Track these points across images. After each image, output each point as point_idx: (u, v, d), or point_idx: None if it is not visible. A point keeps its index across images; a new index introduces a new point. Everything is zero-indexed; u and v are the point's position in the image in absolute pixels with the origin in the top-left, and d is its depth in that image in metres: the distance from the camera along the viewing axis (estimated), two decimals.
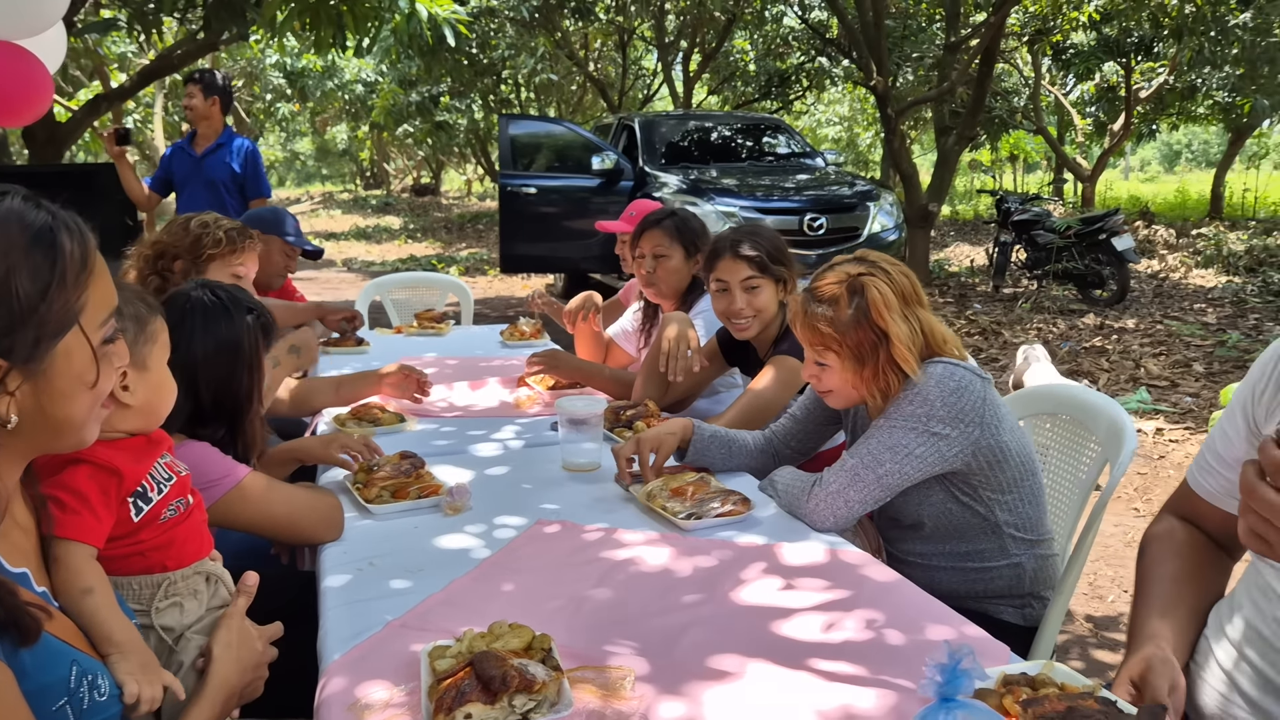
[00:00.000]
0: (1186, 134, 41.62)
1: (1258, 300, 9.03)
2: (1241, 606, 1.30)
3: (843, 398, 1.89)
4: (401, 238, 17.55)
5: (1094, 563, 3.65)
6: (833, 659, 1.30)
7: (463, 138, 23.08)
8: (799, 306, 1.85)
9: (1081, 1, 13.22)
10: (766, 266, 2.41)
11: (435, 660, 1.24)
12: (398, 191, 33.96)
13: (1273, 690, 1.20)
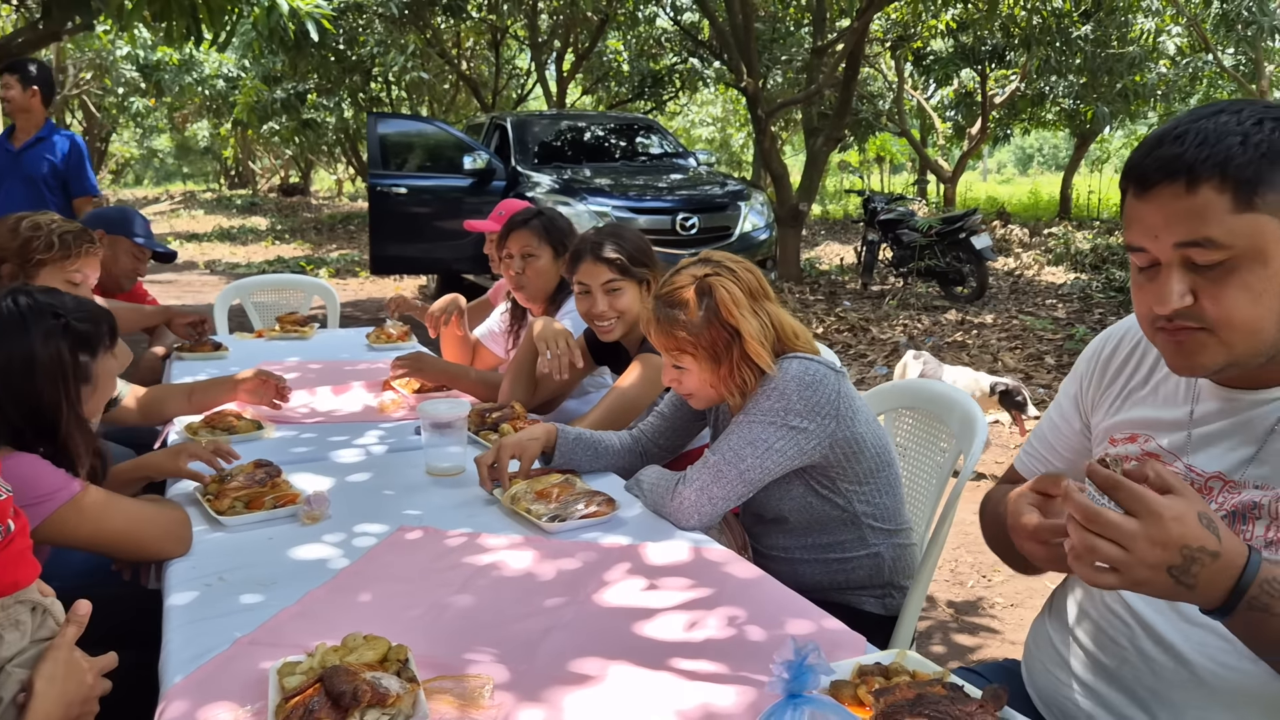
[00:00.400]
0: (1038, 138, 43.76)
1: (1102, 296, 9.56)
2: (1074, 593, 1.35)
3: (703, 399, 1.91)
4: (269, 239, 16.98)
5: (955, 550, 3.79)
6: (694, 658, 1.30)
7: (332, 136, 22.45)
8: (650, 314, 1.87)
9: (939, 10, 13.74)
10: (627, 269, 2.41)
11: (284, 677, 1.19)
12: (265, 191, 32.81)
13: (1105, 674, 1.25)
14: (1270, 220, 1.03)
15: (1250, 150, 1.02)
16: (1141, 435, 1.27)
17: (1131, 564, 0.94)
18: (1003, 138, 21.07)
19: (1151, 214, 1.07)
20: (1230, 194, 1.02)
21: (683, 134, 29.28)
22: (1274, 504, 1.11)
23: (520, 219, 2.90)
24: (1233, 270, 1.04)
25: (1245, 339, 1.07)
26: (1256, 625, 0.98)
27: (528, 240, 2.84)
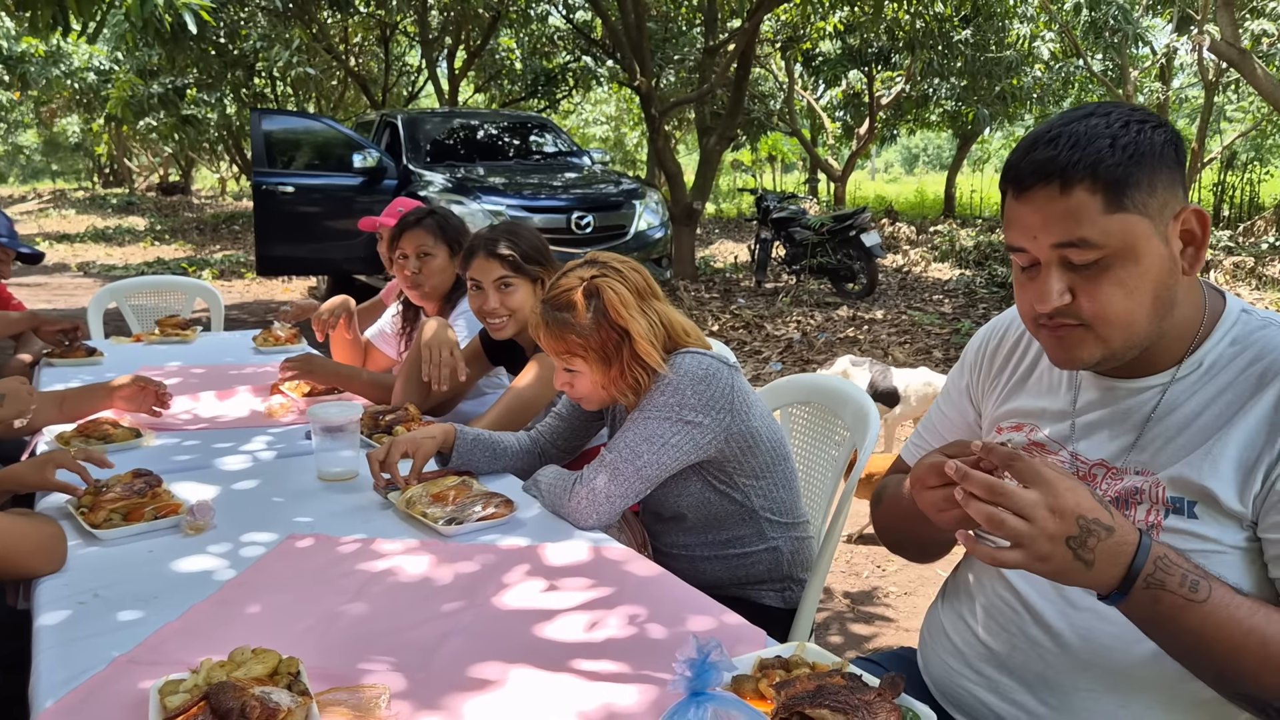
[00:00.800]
0: (922, 139, 45.11)
1: (985, 291, 9.90)
2: (966, 581, 1.39)
3: (595, 401, 1.91)
4: (147, 240, 16.32)
5: (851, 542, 3.87)
6: (595, 658, 1.29)
7: (214, 133, 21.71)
8: (539, 318, 1.85)
9: (827, 13, 14.03)
10: (520, 266, 2.39)
11: (166, 696, 1.14)
12: (142, 190, 31.53)
13: (996, 660, 1.28)
14: (1140, 220, 1.08)
15: (1119, 152, 1.07)
16: (1027, 424, 1.31)
17: (1033, 535, 0.98)
18: (889, 138, 21.67)
19: (1029, 215, 1.11)
20: (1101, 195, 1.07)
21: (577, 133, 29.24)
22: (1154, 489, 1.15)
23: (413, 218, 2.85)
24: (1107, 269, 1.09)
25: (1120, 333, 1.11)
26: (1153, 606, 1.01)
27: (423, 239, 2.79)
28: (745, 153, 24.25)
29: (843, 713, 1.05)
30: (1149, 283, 1.10)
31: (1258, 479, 1.09)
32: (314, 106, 21.75)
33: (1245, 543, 1.10)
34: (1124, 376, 1.21)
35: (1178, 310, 1.14)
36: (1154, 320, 1.12)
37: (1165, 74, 16.05)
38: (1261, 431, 1.09)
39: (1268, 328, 1.15)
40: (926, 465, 1.13)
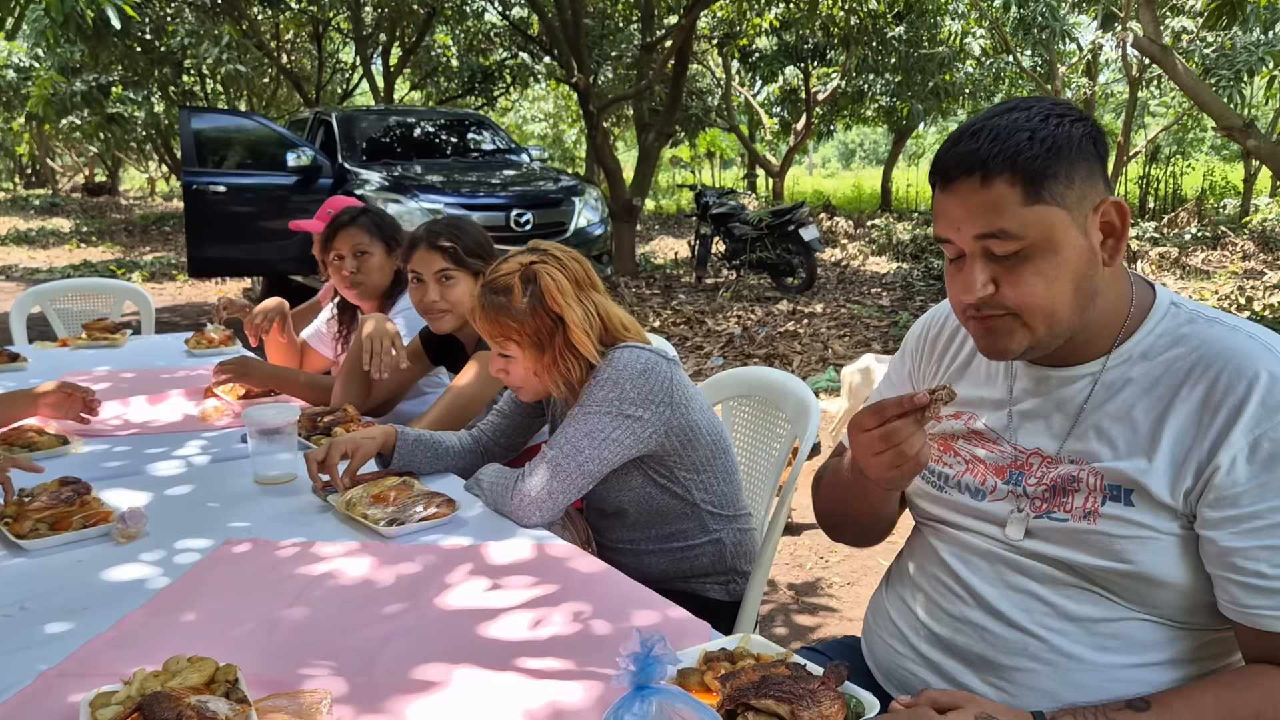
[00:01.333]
0: (859, 134, 45.66)
1: (922, 284, 10.06)
2: (909, 567, 1.41)
3: (530, 390, 1.90)
4: (73, 242, 15.85)
5: (796, 535, 3.90)
6: (540, 656, 1.28)
7: (141, 132, 21.15)
8: (476, 300, 1.85)
9: (763, 9, 14.12)
10: (461, 259, 2.36)
11: (98, 709, 1.11)
12: (67, 191, 30.63)
13: (939, 643, 1.30)
14: (1058, 211, 1.11)
15: (1037, 145, 1.10)
16: (966, 413, 1.33)
17: None
18: (826, 133, 21.90)
19: (953, 208, 1.14)
20: (1020, 188, 1.10)
21: (515, 130, 29.08)
22: (1090, 477, 1.17)
23: (346, 217, 2.81)
24: (1027, 259, 1.12)
25: (1044, 322, 1.14)
26: None
27: (358, 237, 2.76)
28: (684, 149, 24.33)
29: (787, 702, 1.06)
30: (1069, 273, 1.12)
31: (1188, 475, 1.11)
32: (246, 104, 21.33)
33: (1180, 530, 1.12)
34: (1056, 365, 1.24)
35: (1101, 300, 1.17)
36: (1076, 310, 1.15)
37: (1092, 70, 16.43)
38: (1191, 428, 1.11)
39: (1195, 321, 1.17)
40: (865, 408, 1.17)
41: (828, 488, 1.48)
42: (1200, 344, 1.15)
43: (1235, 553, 1.07)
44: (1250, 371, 1.09)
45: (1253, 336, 1.13)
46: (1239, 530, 1.07)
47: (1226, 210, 15.50)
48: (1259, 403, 1.08)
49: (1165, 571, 1.13)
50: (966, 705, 1.04)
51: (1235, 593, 1.08)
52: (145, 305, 4.37)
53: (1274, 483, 1.06)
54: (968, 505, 1.29)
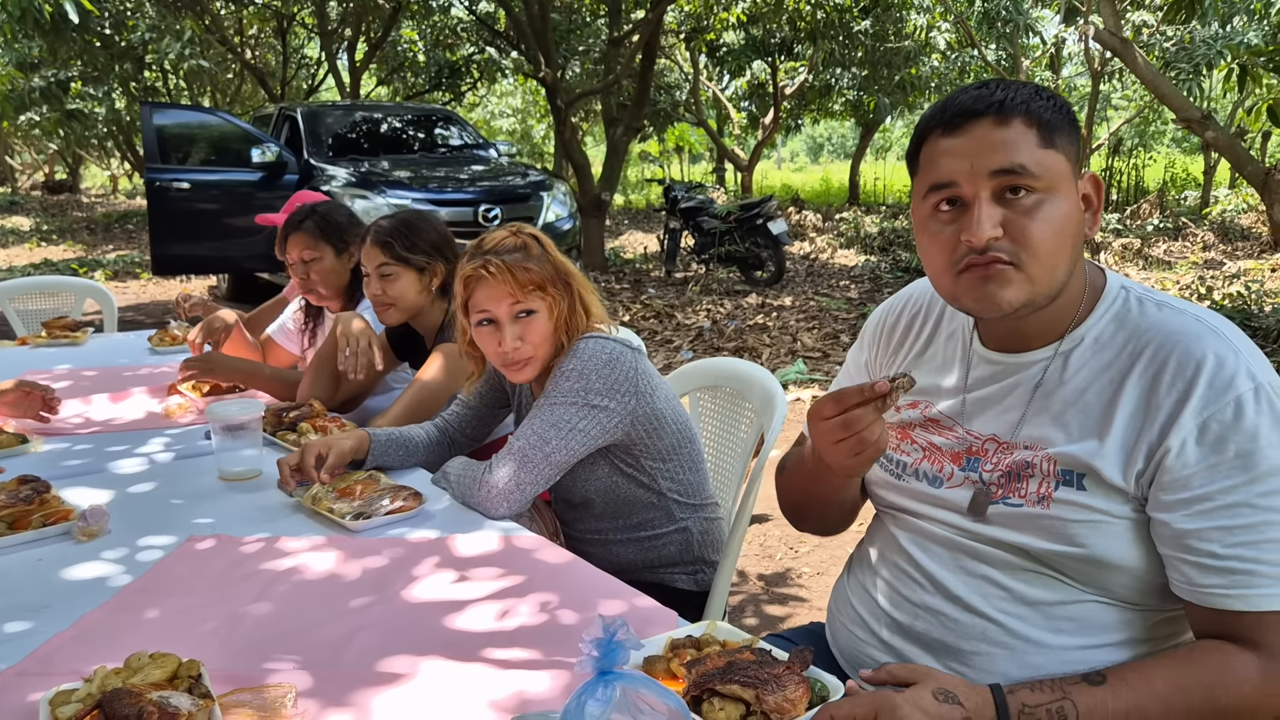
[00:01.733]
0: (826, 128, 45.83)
1: (890, 276, 10.12)
2: (870, 555, 1.42)
3: (538, 359, 1.84)
4: (33, 240, 15.61)
5: (764, 525, 3.92)
6: (506, 646, 1.28)
7: (102, 129, 20.84)
8: (495, 265, 1.78)
9: (730, 3, 14.15)
10: (400, 254, 2.35)
11: (57, 708, 1.09)
12: (26, 189, 30.16)
13: (900, 629, 1.32)
14: (1065, 162, 1.14)
15: (1046, 100, 1.14)
16: (922, 401, 1.35)
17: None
18: (794, 127, 21.96)
19: (964, 146, 1.13)
20: (1036, 131, 1.12)
21: (483, 125, 28.94)
22: (1044, 462, 1.18)
23: (294, 220, 2.77)
24: (1039, 203, 1.12)
25: (1046, 273, 1.14)
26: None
27: (304, 244, 2.72)
28: (652, 143, 24.30)
29: (752, 687, 1.06)
30: (1070, 226, 1.14)
31: (1139, 458, 1.12)
32: (209, 100, 21.09)
33: (1131, 514, 1.13)
34: (1013, 350, 1.25)
35: (1075, 273, 1.19)
36: (1067, 269, 1.16)
37: (1055, 63, 16.59)
38: (1141, 411, 1.13)
39: (1145, 305, 1.19)
40: (825, 396, 1.17)
41: (790, 475, 1.49)
42: (1149, 328, 1.16)
43: (1188, 534, 1.09)
44: (1199, 354, 1.11)
45: (1200, 320, 1.15)
46: (1191, 512, 1.09)
47: (1187, 202, 15.73)
48: (1207, 385, 1.09)
49: (1118, 554, 1.14)
50: (925, 680, 1.05)
51: (1189, 573, 1.09)
52: (107, 303, 4.32)
53: (1223, 464, 1.08)
54: (926, 493, 1.30)
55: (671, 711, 0.85)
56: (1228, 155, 5.63)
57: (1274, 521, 1.06)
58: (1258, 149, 14.57)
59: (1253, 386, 1.08)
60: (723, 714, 1.05)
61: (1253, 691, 1.05)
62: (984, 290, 1.15)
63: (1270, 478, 1.06)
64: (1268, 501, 1.06)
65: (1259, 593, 1.06)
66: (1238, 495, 1.07)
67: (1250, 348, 1.13)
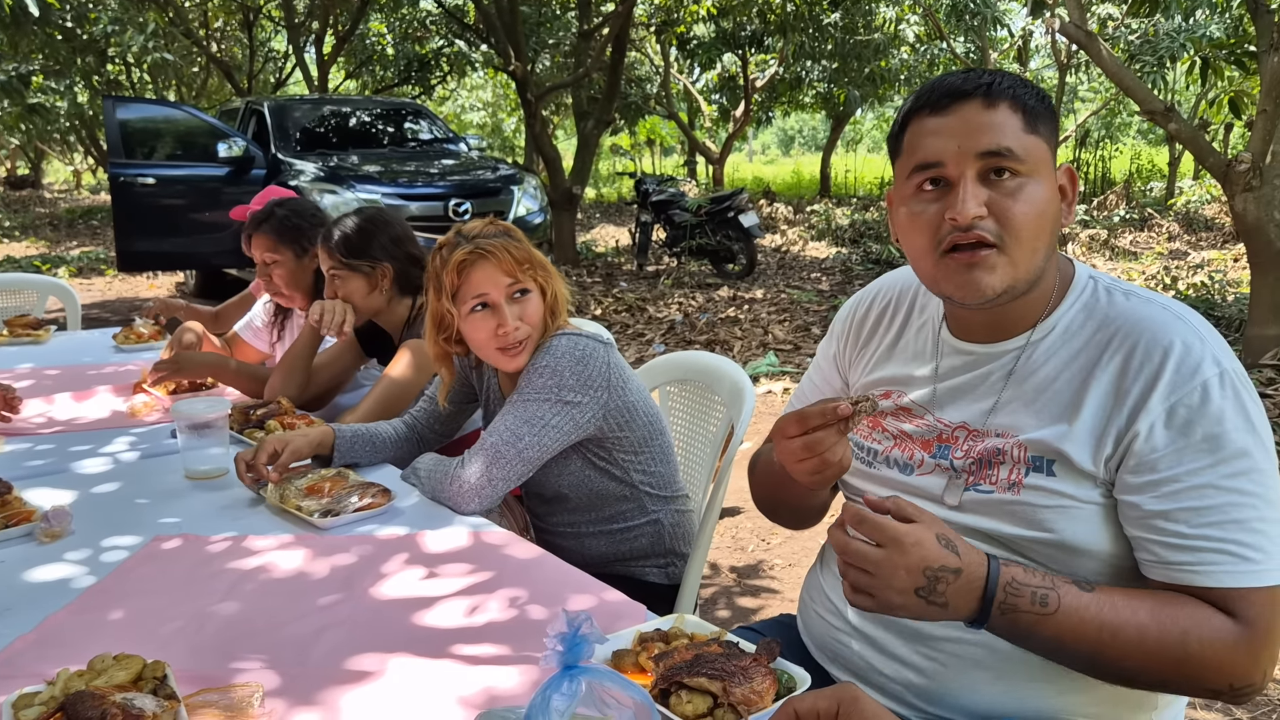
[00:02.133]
0: (797, 120, 46.00)
1: (861, 268, 10.17)
2: None
3: (532, 345, 1.85)
4: None
5: (735, 518, 3.94)
6: (475, 642, 1.28)
7: (65, 123, 20.54)
8: (489, 246, 1.79)
9: None
10: (344, 260, 2.35)
11: (20, 711, 1.08)
12: None
13: (870, 615, 1.33)
14: (1046, 149, 1.16)
15: (1029, 89, 1.17)
16: (895, 391, 1.36)
17: (881, 588, 1.04)
18: (765, 120, 22.01)
19: (952, 125, 1.15)
20: (1021, 116, 1.14)
21: (453, 119, 28.80)
22: (1014, 449, 1.20)
23: (256, 219, 2.75)
24: (1022, 186, 1.14)
25: (1027, 255, 1.15)
26: (1012, 627, 1.08)
27: (264, 247, 2.71)
28: (624, 137, 24.30)
29: (720, 679, 1.07)
30: (1051, 210, 1.16)
31: (1109, 443, 1.14)
32: (174, 94, 20.83)
33: (1101, 499, 1.15)
34: (984, 340, 1.27)
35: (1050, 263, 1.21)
36: (1047, 253, 1.18)
37: (1023, 56, 16.72)
38: (1110, 397, 1.15)
39: (1113, 294, 1.22)
40: (788, 416, 1.17)
41: (760, 475, 1.50)
42: (1117, 316, 1.19)
43: (1156, 515, 1.11)
44: (1165, 341, 1.13)
45: (1166, 308, 1.18)
46: (1159, 494, 1.11)
47: (1153, 193, 15.92)
48: (1174, 370, 1.11)
49: (1086, 539, 1.16)
50: (930, 523, 1.06)
51: (1159, 551, 1.11)
52: (70, 301, 4.26)
53: (1190, 447, 1.10)
54: (897, 480, 1.31)
55: (637, 705, 0.85)
56: (1191, 147, 5.69)
57: (1238, 503, 1.08)
58: (1220, 141, 14.77)
59: (1218, 372, 1.11)
60: (690, 707, 1.06)
61: (1224, 649, 1.07)
62: (967, 277, 1.16)
63: (1235, 460, 1.09)
64: (1232, 483, 1.09)
65: (1226, 569, 1.08)
66: (1204, 477, 1.09)
67: (1215, 336, 1.16)
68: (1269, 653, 1.08)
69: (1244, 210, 5.17)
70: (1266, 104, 5.18)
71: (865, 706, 0.88)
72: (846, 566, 1.06)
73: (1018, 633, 1.09)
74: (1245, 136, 12.43)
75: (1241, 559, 1.08)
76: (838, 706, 0.89)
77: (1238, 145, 15.36)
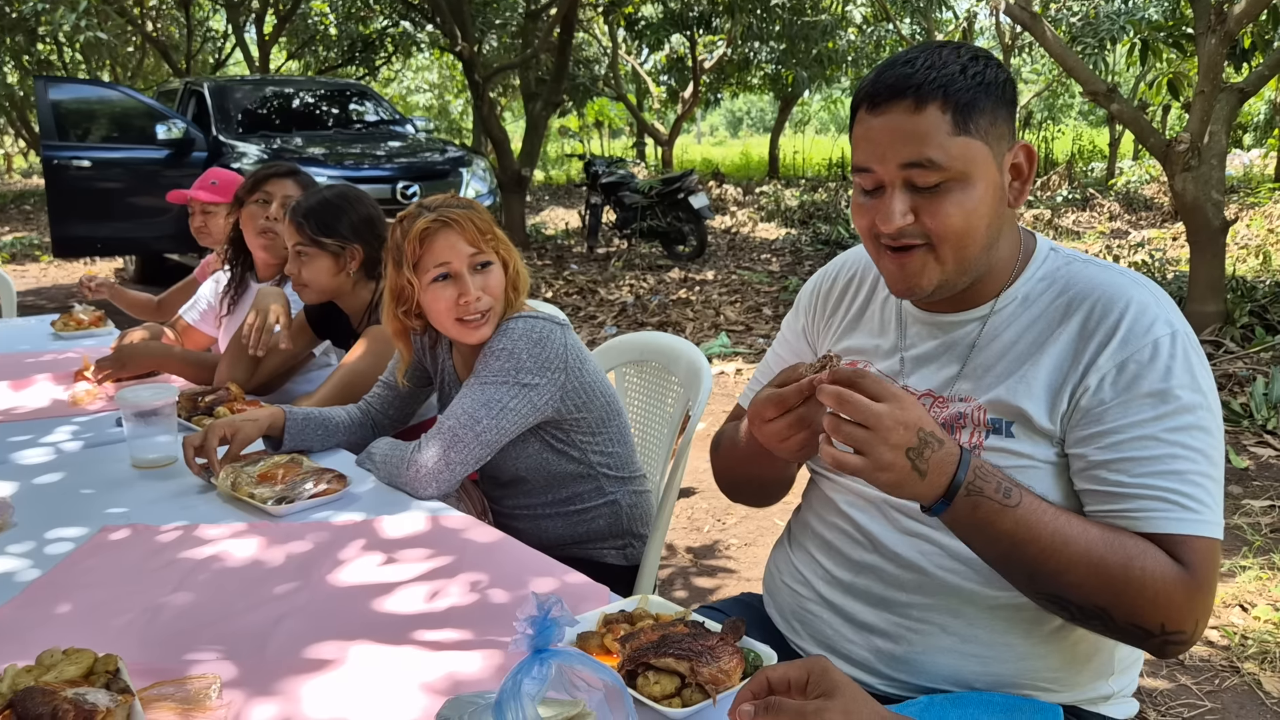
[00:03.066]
0: (745, 102, 46.05)
1: (810, 249, 10.23)
2: (808, 520, 1.44)
3: (494, 319, 1.83)
4: None
5: (691, 498, 3.95)
6: (437, 628, 1.27)
7: None
8: (453, 214, 1.79)
9: None
10: (312, 237, 2.28)
11: None
12: None
13: (838, 584, 1.35)
14: (981, 146, 1.15)
15: (969, 79, 1.15)
16: (861, 361, 1.37)
17: (876, 443, 1.04)
18: (713, 101, 22.00)
19: (880, 133, 1.16)
20: (950, 116, 1.13)
21: (399, 101, 28.39)
22: (975, 413, 1.23)
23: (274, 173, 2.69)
24: (948, 191, 1.15)
25: (956, 255, 1.18)
26: (973, 513, 1.09)
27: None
28: (572, 118, 24.16)
29: (686, 659, 1.07)
30: (984, 208, 1.17)
31: (1064, 399, 1.17)
32: (109, 75, 20.27)
33: (1055, 458, 1.18)
34: (947, 311, 1.29)
35: (1002, 243, 1.22)
36: (985, 247, 1.19)
37: (968, 36, 16.88)
38: (1068, 356, 1.18)
39: (1072, 263, 1.25)
40: (763, 399, 1.17)
41: (724, 455, 1.50)
42: (1076, 281, 1.22)
43: (1099, 465, 1.14)
44: (1122, 302, 1.17)
45: (1123, 274, 1.22)
46: (1103, 445, 1.14)
47: (1094, 173, 16.20)
48: (1128, 328, 1.15)
49: (1044, 498, 1.18)
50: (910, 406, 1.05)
51: (1102, 501, 1.14)
52: (5, 287, 4.13)
53: (1135, 400, 1.13)
54: None
55: (607, 686, 0.85)
56: (1131, 127, 5.79)
57: (1180, 454, 1.11)
58: (1159, 121, 15.05)
59: (1170, 332, 1.14)
60: (658, 687, 1.06)
61: (1163, 584, 1.09)
62: (898, 274, 1.21)
63: (1178, 415, 1.12)
64: (1175, 436, 1.11)
65: (1166, 515, 1.10)
66: (1147, 429, 1.12)
67: (1169, 302, 1.19)
68: (1204, 603, 1.11)
69: (1183, 189, 5.28)
70: (1204, 85, 5.28)
71: (834, 676, 0.89)
72: (839, 424, 1.05)
73: (976, 521, 1.09)
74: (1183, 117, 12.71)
75: (1182, 507, 1.10)
76: (808, 676, 0.89)
77: (1175, 126, 15.68)
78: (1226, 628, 2.80)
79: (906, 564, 1.28)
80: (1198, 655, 2.67)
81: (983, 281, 1.25)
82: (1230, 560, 3.21)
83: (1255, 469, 4.03)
